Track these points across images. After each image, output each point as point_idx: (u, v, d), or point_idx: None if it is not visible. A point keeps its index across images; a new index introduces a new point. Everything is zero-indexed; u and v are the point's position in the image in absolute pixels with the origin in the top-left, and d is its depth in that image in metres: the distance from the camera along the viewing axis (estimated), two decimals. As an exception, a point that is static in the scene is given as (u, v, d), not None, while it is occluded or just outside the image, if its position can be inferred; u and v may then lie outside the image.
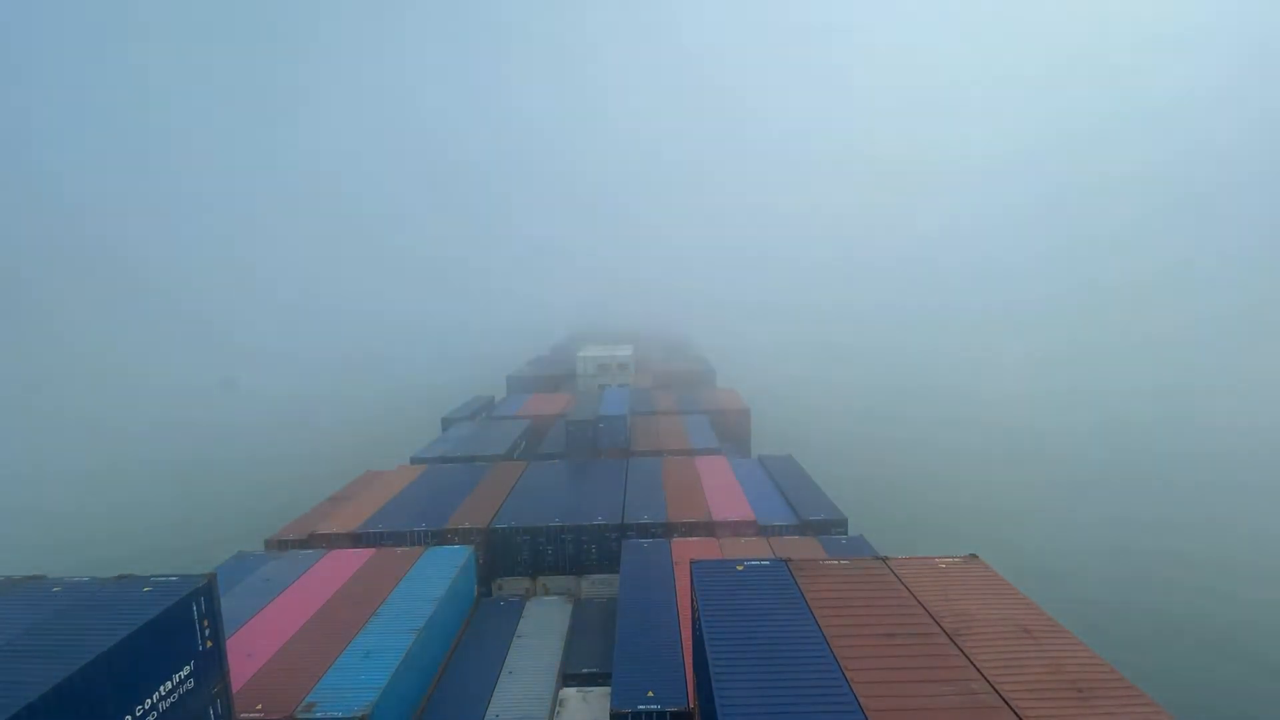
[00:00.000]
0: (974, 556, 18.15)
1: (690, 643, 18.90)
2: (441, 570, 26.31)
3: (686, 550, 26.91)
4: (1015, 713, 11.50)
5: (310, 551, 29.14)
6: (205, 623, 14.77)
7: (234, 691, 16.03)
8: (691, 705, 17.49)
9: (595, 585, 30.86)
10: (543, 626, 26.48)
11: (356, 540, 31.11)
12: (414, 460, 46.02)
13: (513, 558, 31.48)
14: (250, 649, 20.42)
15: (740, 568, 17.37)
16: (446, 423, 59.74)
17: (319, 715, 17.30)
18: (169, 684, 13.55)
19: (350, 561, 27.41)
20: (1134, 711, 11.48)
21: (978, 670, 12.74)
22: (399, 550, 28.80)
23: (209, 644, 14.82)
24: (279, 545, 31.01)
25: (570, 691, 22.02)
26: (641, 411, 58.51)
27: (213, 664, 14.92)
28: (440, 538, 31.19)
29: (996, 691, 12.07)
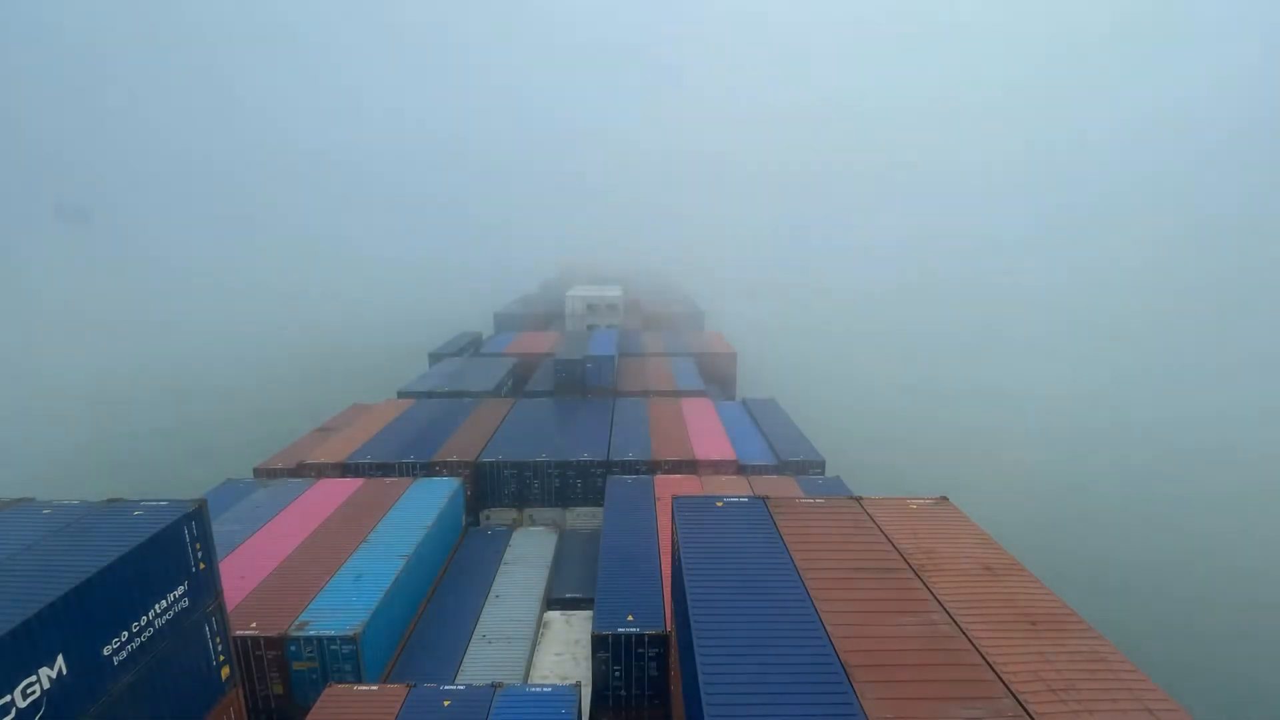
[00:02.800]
0: (944, 499, 18.83)
1: (670, 573, 19.72)
2: (430, 500, 26.91)
3: (669, 486, 27.68)
4: (971, 641, 12.26)
5: (299, 480, 29.58)
6: (197, 546, 15.11)
7: (228, 610, 16.59)
8: (669, 629, 18.42)
9: (580, 517, 31.82)
10: (528, 555, 27.42)
11: (345, 470, 31.58)
12: (401, 394, 46.16)
13: (500, 490, 32.21)
14: (242, 571, 21.02)
15: (720, 504, 17.89)
16: (434, 358, 59.62)
17: (311, 633, 18.03)
18: (164, 602, 13.99)
19: (339, 490, 27.90)
20: (1078, 640, 12.30)
21: (939, 604, 13.47)
22: (387, 480, 29.32)
23: (201, 566, 15.22)
24: (268, 473, 31.42)
25: (554, 615, 23.07)
26: (629, 353, 58.72)
27: (206, 584, 15.37)
28: (428, 470, 31.74)
29: (955, 623, 12.82)
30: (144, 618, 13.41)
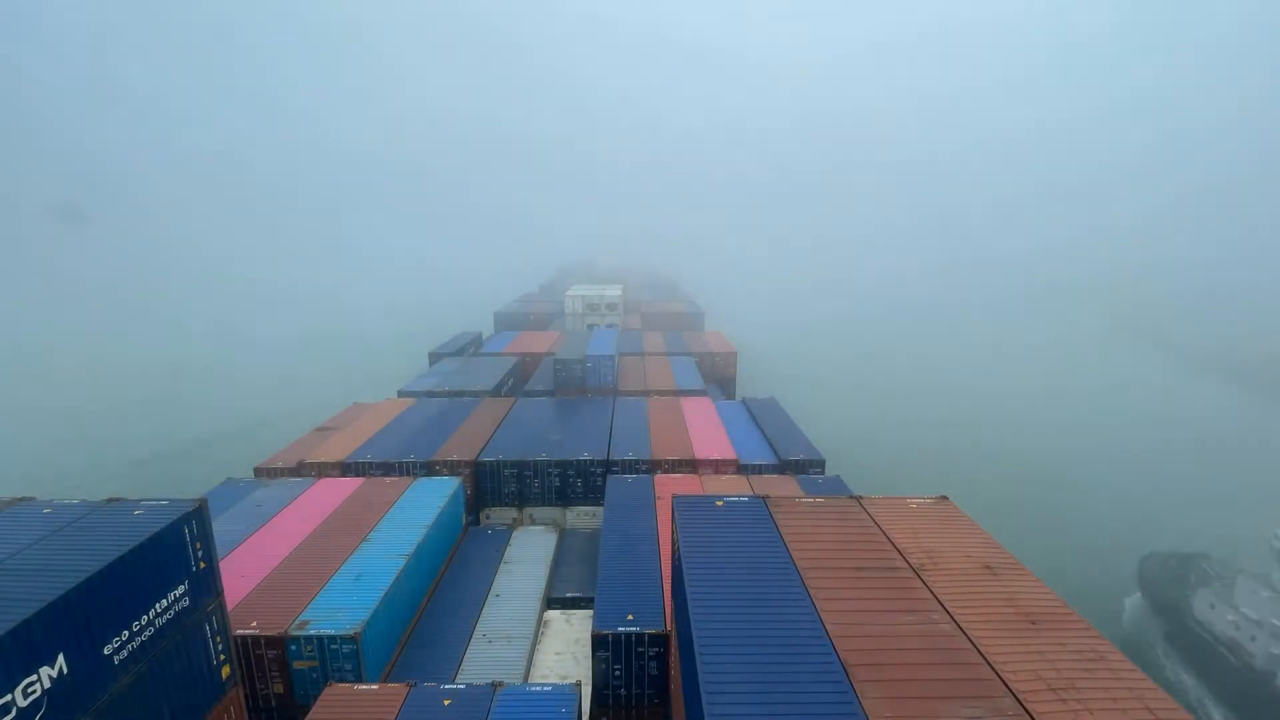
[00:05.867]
0: (944, 498, 18.84)
1: (670, 573, 19.72)
2: (430, 499, 26.91)
3: (669, 486, 27.67)
4: (971, 641, 12.25)
5: (299, 480, 29.58)
6: (198, 545, 15.12)
7: (229, 609, 16.59)
8: (669, 629, 18.42)
9: (580, 516, 31.82)
10: (529, 554, 27.42)
11: (345, 470, 31.58)
12: (401, 394, 46.19)
13: (500, 489, 32.21)
14: (243, 571, 21.03)
15: (720, 503, 17.90)
16: (434, 357, 59.63)
17: (312, 632, 18.04)
18: (165, 601, 14.00)
19: (340, 489, 27.90)
20: (1078, 639, 12.31)
21: (940, 603, 13.46)
22: (388, 480, 29.33)
23: (202, 565, 15.22)
24: (268, 473, 31.42)
25: (554, 614, 23.07)
26: (629, 352, 58.72)
27: (207, 583, 15.38)
28: (428, 469, 31.75)
29: (955, 622, 12.81)
30: (144, 617, 13.41)
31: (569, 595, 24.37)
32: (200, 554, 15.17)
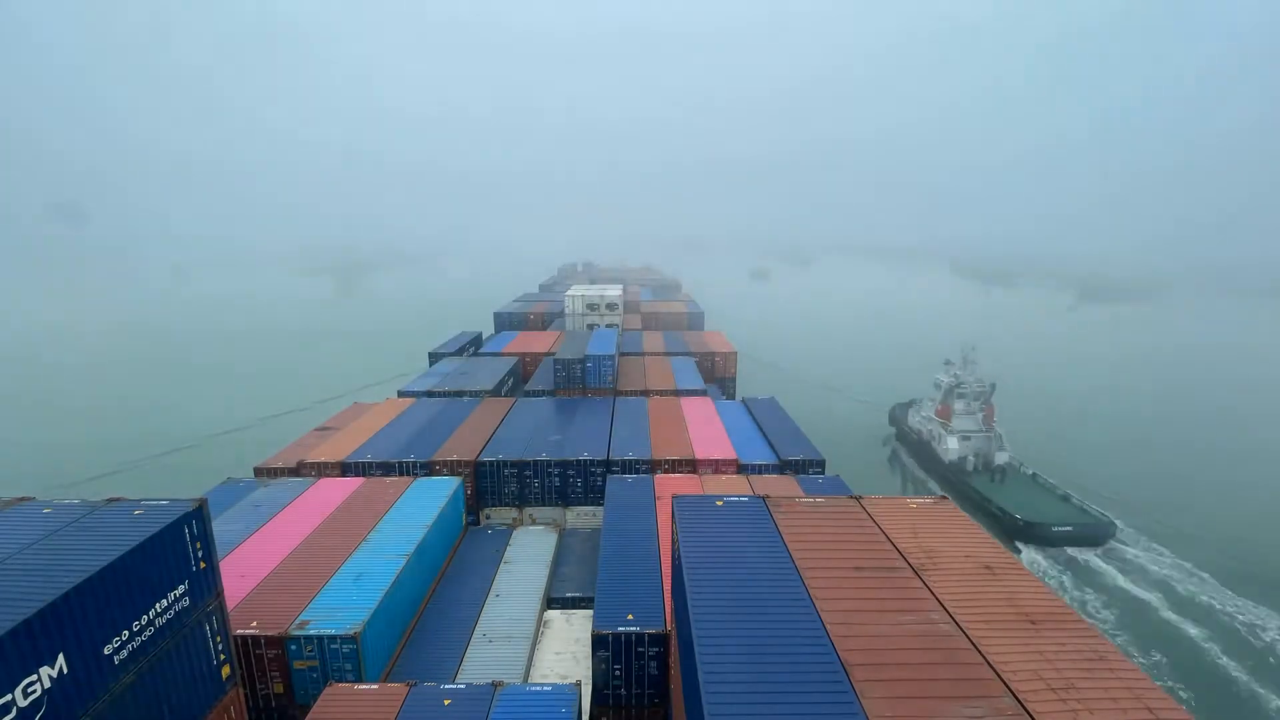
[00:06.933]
0: (944, 498, 18.87)
1: (670, 572, 19.73)
2: (430, 499, 26.92)
3: (669, 486, 27.69)
4: (970, 640, 12.25)
5: (299, 479, 29.60)
6: (198, 545, 15.11)
7: (229, 609, 16.59)
8: (669, 628, 18.42)
9: (580, 516, 31.84)
10: (529, 554, 27.43)
11: (345, 470, 31.61)
12: (401, 394, 46.21)
13: (500, 489, 32.22)
14: (243, 571, 21.03)
15: (720, 503, 17.91)
16: (434, 357, 59.68)
17: (312, 632, 18.04)
18: (164, 601, 14.00)
19: (339, 490, 27.92)
20: (1078, 639, 12.31)
21: (939, 602, 13.46)
22: (388, 480, 29.35)
23: (202, 565, 15.22)
24: (268, 473, 31.42)
25: (554, 614, 23.07)
26: (629, 352, 58.75)
27: (207, 583, 15.38)
28: (428, 469, 31.76)
29: (955, 622, 12.82)
30: (144, 617, 13.41)
31: (569, 595, 24.39)
32: (200, 554, 15.17)
